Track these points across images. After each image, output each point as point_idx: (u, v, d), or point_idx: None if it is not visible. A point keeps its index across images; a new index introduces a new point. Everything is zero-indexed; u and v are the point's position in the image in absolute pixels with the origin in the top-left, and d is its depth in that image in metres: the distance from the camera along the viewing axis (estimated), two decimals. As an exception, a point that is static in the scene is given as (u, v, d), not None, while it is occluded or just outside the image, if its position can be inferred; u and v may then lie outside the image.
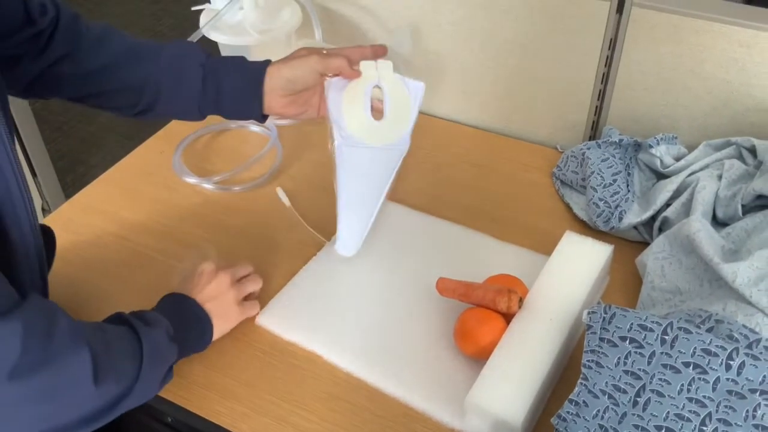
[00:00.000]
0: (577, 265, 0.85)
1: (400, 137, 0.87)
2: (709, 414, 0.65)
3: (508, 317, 0.81)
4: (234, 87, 0.85)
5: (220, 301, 0.84)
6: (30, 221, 0.68)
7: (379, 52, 0.87)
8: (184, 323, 0.80)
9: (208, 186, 1.11)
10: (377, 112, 0.86)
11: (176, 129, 1.22)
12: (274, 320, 0.89)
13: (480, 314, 0.82)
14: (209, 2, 1.14)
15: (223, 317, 0.84)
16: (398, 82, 0.85)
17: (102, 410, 0.66)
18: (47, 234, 0.83)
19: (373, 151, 0.86)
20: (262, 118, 0.88)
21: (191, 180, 1.12)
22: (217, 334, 0.83)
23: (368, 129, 0.85)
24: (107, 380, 0.65)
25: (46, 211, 1.92)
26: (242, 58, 0.87)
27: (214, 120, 1.04)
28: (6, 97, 0.70)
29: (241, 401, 0.81)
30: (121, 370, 0.68)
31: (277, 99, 0.86)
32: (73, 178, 2.38)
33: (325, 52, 0.85)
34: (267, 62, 0.86)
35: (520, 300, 0.81)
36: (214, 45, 1.13)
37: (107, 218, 1.06)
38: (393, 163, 0.89)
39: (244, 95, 0.85)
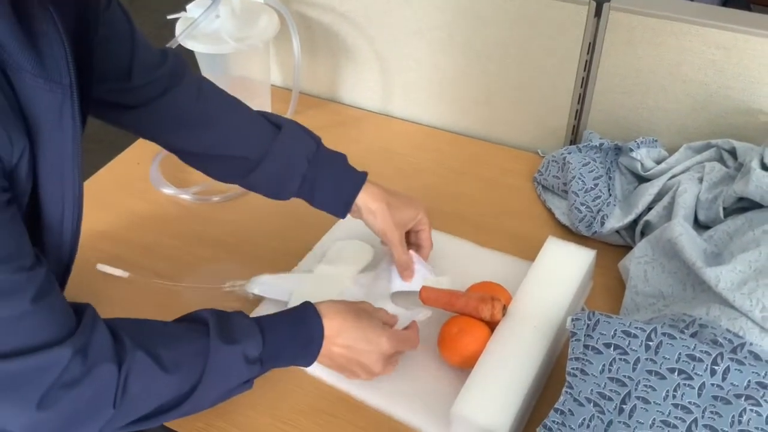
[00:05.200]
0: (560, 271, 0.85)
1: None
2: (695, 420, 0.65)
3: (491, 325, 0.80)
4: (326, 192, 0.87)
5: (349, 362, 0.77)
6: (71, 239, 0.70)
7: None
8: (288, 347, 0.74)
9: (185, 197, 1.09)
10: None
11: (153, 139, 1.20)
12: (255, 333, 0.87)
13: (463, 323, 0.81)
14: (185, 11, 1.13)
15: (337, 368, 0.78)
16: None
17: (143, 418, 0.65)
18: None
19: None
20: (343, 215, 0.89)
21: (169, 191, 1.10)
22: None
23: None
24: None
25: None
26: (344, 158, 0.89)
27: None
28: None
29: (221, 417, 0.79)
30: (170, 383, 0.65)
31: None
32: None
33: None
34: (364, 176, 0.88)
35: (504, 307, 0.80)
36: (190, 53, 1.11)
37: (83, 232, 1.03)
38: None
39: (335, 201, 0.88)
